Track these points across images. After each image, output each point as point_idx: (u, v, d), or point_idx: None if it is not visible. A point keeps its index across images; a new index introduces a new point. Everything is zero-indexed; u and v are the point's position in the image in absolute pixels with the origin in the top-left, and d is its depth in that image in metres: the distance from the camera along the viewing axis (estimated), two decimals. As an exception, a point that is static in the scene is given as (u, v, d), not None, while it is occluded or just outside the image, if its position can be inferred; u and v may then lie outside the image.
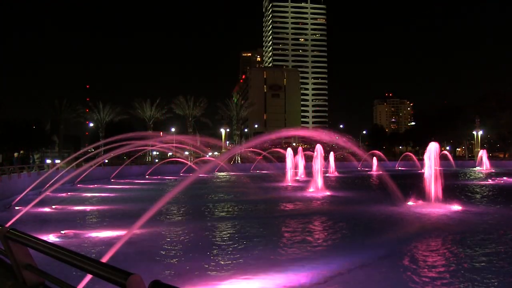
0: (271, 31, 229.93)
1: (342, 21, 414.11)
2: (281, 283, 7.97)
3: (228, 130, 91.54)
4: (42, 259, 3.32)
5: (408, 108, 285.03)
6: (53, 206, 20.18)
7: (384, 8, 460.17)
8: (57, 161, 50.93)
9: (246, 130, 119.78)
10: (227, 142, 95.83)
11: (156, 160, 69.82)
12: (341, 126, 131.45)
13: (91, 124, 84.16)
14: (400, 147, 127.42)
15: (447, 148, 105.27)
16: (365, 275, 8.72)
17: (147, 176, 48.44)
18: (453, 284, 7.95)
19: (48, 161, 58.33)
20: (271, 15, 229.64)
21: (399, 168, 68.23)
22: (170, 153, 67.83)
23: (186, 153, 68.63)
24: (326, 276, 8.52)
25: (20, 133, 69.09)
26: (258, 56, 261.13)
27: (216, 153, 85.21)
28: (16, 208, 18.97)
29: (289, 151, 41.57)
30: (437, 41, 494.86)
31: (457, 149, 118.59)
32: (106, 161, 48.20)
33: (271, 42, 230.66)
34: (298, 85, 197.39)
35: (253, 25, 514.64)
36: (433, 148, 21.38)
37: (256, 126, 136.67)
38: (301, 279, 8.28)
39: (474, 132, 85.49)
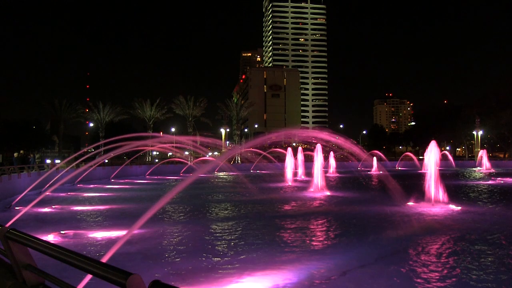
0: (271, 31, 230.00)
1: (342, 21, 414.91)
2: (281, 283, 7.97)
3: (228, 130, 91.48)
4: (42, 259, 3.32)
5: (408, 108, 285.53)
6: (53, 206, 20.19)
7: (384, 8, 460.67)
8: (57, 161, 50.96)
9: (246, 130, 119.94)
10: (227, 142, 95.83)
11: (156, 160, 69.86)
12: (341, 126, 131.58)
13: (91, 124, 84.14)
14: (400, 147, 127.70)
15: (447, 148, 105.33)
16: (365, 274, 8.72)
17: (147, 176, 48.43)
18: (453, 284, 7.94)
19: (48, 161, 58.31)
20: (271, 15, 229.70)
21: (399, 168, 68.27)
22: (170, 153, 67.85)
23: (186, 153, 68.66)
24: (326, 276, 8.53)
25: (20, 133, 69.17)
26: (258, 56, 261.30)
27: (216, 153, 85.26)
28: (16, 208, 18.97)
29: (289, 151, 41.56)
30: (437, 41, 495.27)
31: (457, 149, 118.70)
32: (106, 161, 48.26)
33: (271, 42, 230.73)
34: (298, 85, 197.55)
35: (253, 25, 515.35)
36: (433, 148, 21.45)
37: (256, 126, 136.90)
38: (301, 279, 8.28)
39: (474, 132, 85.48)
